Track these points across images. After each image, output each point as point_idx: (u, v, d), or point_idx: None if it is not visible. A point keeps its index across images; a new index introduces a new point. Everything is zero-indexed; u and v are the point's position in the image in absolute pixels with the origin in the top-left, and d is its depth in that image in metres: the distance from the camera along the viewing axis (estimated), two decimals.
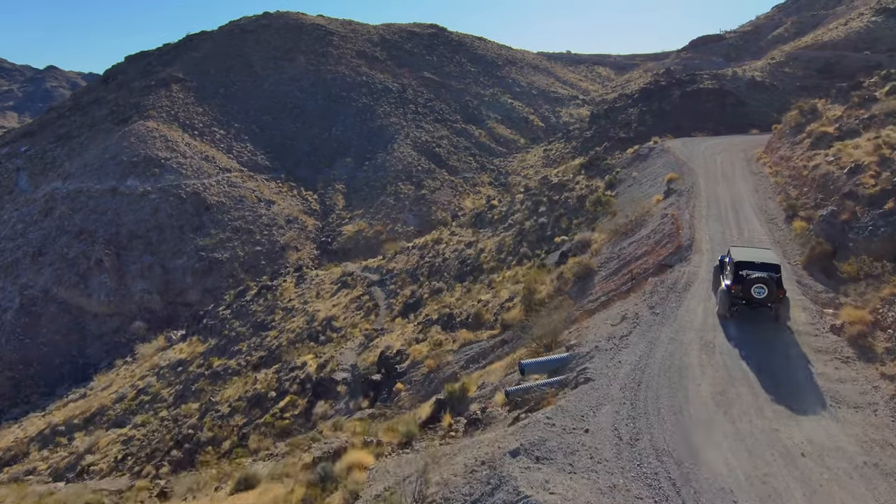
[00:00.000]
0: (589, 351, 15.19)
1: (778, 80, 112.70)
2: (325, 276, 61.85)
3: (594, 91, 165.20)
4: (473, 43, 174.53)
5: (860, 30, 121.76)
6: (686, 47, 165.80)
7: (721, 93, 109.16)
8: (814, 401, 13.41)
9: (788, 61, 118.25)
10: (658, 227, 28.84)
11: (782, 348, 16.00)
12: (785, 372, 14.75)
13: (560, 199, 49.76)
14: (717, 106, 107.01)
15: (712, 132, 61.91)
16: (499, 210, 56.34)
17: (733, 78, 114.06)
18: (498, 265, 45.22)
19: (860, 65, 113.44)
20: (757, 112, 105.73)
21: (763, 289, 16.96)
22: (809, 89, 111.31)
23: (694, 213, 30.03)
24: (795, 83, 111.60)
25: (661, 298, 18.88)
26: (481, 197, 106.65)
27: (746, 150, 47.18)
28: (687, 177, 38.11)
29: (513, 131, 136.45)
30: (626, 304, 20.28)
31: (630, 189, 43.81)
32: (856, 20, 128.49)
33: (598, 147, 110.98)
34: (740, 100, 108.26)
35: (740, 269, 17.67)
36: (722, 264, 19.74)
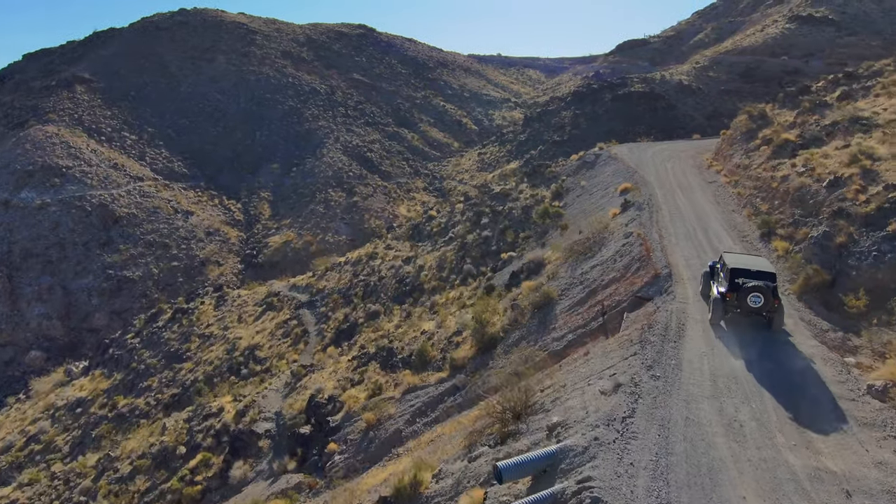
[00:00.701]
0: (586, 445, 11.21)
1: (703, 83, 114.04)
2: (249, 297, 55.92)
3: (526, 93, 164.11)
4: (404, 44, 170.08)
5: (776, 36, 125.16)
6: (613, 51, 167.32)
7: (651, 96, 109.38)
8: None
9: (712, 65, 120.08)
10: (624, 248, 25.39)
11: (824, 423, 12.55)
12: (837, 455, 11.31)
13: (504, 209, 46.12)
14: (649, 109, 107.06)
15: (655, 137, 59.98)
16: (438, 221, 52.24)
17: (662, 81, 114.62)
18: (440, 284, 41.05)
19: (778, 69, 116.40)
20: (686, 115, 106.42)
21: (759, 297, 16.46)
22: (733, 93, 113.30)
23: (661, 231, 26.80)
24: (720, 87, 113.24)
25: (657, 353, 15.16)
26: (416, 203, 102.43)
27: (695, 157, 44.98)
28: (642, 187, 35.14)
29: (446, 135, 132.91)
30: (608, 356, 16.47)
31: (579, 199, 40.60)
32: (771, 27, 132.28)
33: (534, 150, 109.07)
34: (670, 103, 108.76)
35: (736, 277, 17.03)
36: (713, 270, 19.30)
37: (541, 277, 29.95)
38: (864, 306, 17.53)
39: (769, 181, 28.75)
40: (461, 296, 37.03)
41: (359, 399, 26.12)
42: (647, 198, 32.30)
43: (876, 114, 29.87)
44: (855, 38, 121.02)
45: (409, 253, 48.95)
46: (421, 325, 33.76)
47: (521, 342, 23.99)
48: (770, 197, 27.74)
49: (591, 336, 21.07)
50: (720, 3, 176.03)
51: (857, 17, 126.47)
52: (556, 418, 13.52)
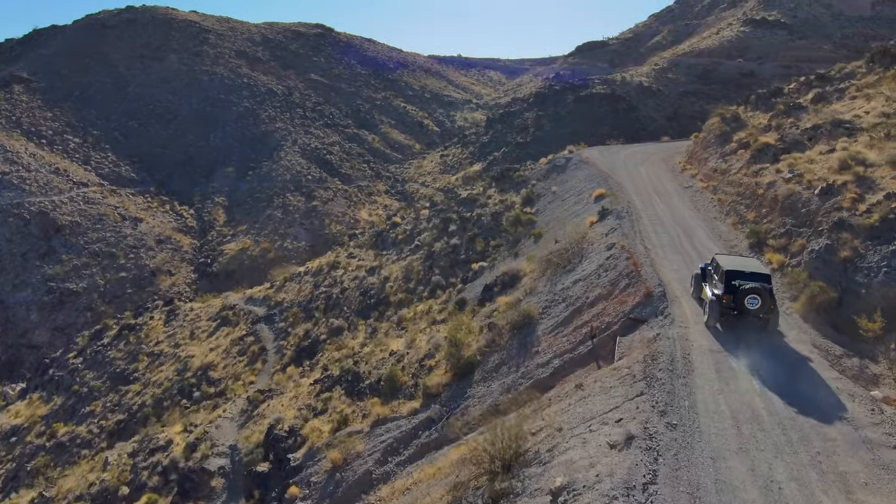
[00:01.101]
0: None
1: (663, 85, 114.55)
2: (202, 311, 52.44)
3: (487, 95, 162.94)
4: (363, 44, 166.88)
5: (732, 38, 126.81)
6: (573, 53, 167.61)
7: (613, 98, 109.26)
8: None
9: (671, 67, 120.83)
10: (608, 261, 23.54)
11: (869, 479, 10.75)
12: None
13: (472, 216, 44.06)
14: (611, 111, 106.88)
15: (620, 139, 58.77)
16: (403, 228, 49.83)
17: (623, 83, 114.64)
18: (407, 297, 38.70)
19: (734, 71, 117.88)
20: (647, 117, 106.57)
21: (756, 299, 16.31)
22: (691, 94, 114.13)
23: (645, 242, 25.07)
24: (679, 88, 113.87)
25: (668, 393, 13.21)
26: (378, 207, 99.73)
27: (666, 160, 43.79)
28: (618, 193, 33.51)
29: (408, 136, 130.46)
30: (608, 393, 14.46)
31: (552, 206, 38.81)
32: (726, 30, 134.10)
33: (497, 152, 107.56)
34: (631, 105, 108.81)
35: (732, 280, 16.80)
36: (704, 272, 19.12)
37: (517, 292, 27.93)
38: (879, 329, 16.00)
39: (753, 188, 27.38)
40: (430, 310, 34.77)
41: (323, 433, 23.59)
42: (625, 205, 30.62)
43: (857, 117, 28.85)
44: (806, 42, 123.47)
45: (373, 262, 46.43)
46: (389, 343, 31.35)
47: (501, 367, 21.87)
48: (756, 204, 26.33)
49: (579, 363, 19.10)
50: (676, 6, 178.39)
51: (807, 21, 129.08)
52: (559, 480, 11.40)
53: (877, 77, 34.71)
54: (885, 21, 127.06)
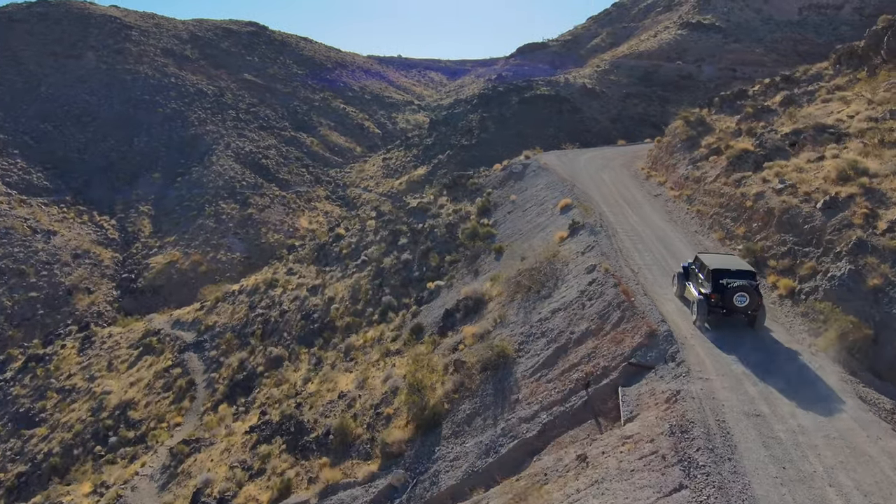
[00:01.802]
0: None
1: (606, 86, 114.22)
2: (122, 337, 46.68)
3: (429, 96, 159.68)
4: (299, 43, 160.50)
5: (670, 41, 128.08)
6: (514, 54, 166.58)
7: (557, 99, 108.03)
8: None
9: (613, 69, 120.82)
10: (593, 288, 20.41)
11: None
12: None
13: (424, 227, 40.43)
14: (555, 112, 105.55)
15: (579, 144, 56.41)
16: (347, 241, 45.66)
17: (566, 85, 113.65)
18: (355, 321, 34.70)
19: (674, 74, 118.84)
20: (591, 118, 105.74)
21: (745, 297, 16.29)
22: (634, 96, 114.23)
23: (630, 264, 22.11)
24: (622, 90, 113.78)
25: (719, 489, 10.01)
26: (319, 214, 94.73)
27: (627, 165, 41.44)
28: (585, 203, 30.60)
29: (348, 139, 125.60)
30: (630, 481, 11.17)
31: (512, 217, 35.65)
32: (664, 33, 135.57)
33: (441, 155, 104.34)
34: (575, 106, 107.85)
35: (719, 278, 16.86)
36: (686, 271, 19.29)
37: (484, 320, 24.51)
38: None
39: (739, 199, 24.91)
40: (382, 336, 30.95)
41: (261, 502, 19.48)
42: (597, 218, 27.69)
43: (840, 121, 26.90)
44: (740, 45, 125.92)
45: (316, 280, 42.10)
46: (337, 380, 27.34)
47: (474, 419, 18.36)
48: (745, 218, 23.82)
49: (574, 419, 15.79)
50: (613, 9, 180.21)
51: (740, 25, 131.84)
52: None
53: (846, 79, 33.21)
54: (811, 26, 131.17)
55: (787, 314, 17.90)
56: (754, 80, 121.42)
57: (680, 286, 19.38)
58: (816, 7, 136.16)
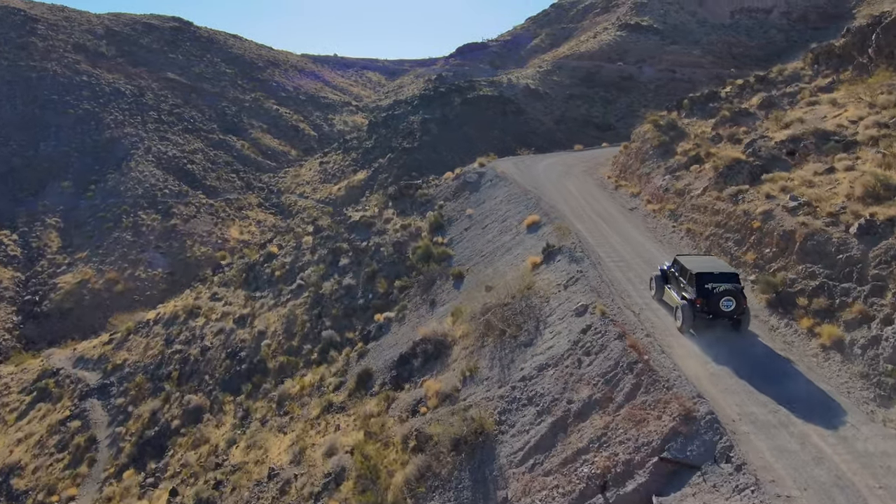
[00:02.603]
0: None
1: (549, 87, 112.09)
2: (13, 379, 39.54)
3: (367, 96, 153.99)
4: (227, 41, 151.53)
5: (610, 42, 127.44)
6: (454, 54, 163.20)
7: (501, 100, 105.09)
8: None
9: (555, 70, 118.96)
10: (589, 338, 16.20)
11: None
12: None
13: (368, 246, 35.52)
14: (499, 113, 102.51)
15: (536, 150, 52.70)
16: (281, 261, 40.14)
17: (509, 85, 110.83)
18: (290, 361, 29.47)
19: (615, 75, 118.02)
20: (535, 119, 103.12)
21: (731, 301, 15.82)
22: (577, 97, 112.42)
23: (630, 305, 18.05)
24: (565, 91, 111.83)
25: None
26: (251, 223, 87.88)
27: (590, 173, 37.82)
28: (555, 220, 26.55)
29: (282, 142, 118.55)
30: None
31: (470, 235, 31.24)
32: (603, 34, 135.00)
33: (382, 159, 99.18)
34: (519, 107, 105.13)
35: (704, 282, 16.27)
36: (665, 274, 18.66)
37: (450, 371, 19.96)
38: None
39: (741, 218, 21.29)
40: (323, 382, 25.93)
41: None
42: (574, 240, 23.55)
43: (842, 127, 23.80)
44: (678, 47, 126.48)
45: (244, 308, 36.46)
46: (268, 444, 22.19)
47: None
48: (753, 242, 20.19)
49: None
50: (552, 10, 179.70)
51: (677, 27, 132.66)
52: None
53: (828, 80, 30.50)
54: (742, 29, 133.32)
55: (840, 373, 14.16)
56: (693, 81, 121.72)
57: (658, 290, 18.64)
58: (747, 11, 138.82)
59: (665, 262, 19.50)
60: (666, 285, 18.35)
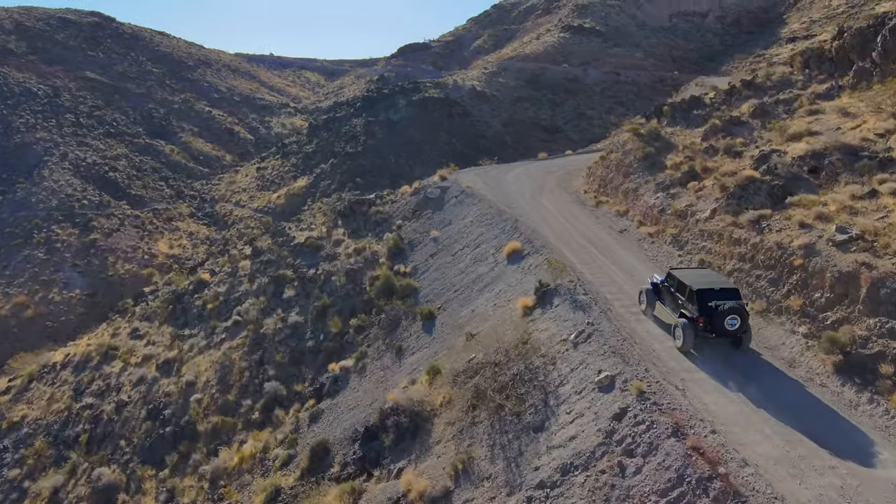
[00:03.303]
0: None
1: (495, 89, 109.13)
2: None
3: (306, 98, 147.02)
4: (154, 38, 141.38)
5: (554, 44, 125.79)
6: (395, 54, 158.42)
7: (447, 102, 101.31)
8: None
9: (500, 71, 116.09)
10: (625, 430, 12.06)
11: None
12: None
13: (317, 274, 30.53)
14: (446, 116, 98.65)
15: (497, 160, 48.61)
16: (214, 291, 34.54)
17: (455, 87, 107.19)
18: (226, 422, 24.24)
19: (561, 77, 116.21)
20: (482, 122, 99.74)
21: (736, 320, 14.79)
22: (524, 99, 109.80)
23: (665, 373, 14.08)
24: (511, 93, 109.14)
25: None
26: (181, 236, 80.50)
27: (564, 186, 34.05)
28: (540, 248, 22.45)
29: (215, 146, 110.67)
30: None
31: (437, 263, 26.79)
32: (547, 35, 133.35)
33: (324, 164, 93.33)
34: (466, 110, 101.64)
35: (707, 300, 15.11)
36: (657, 288, 17.47)
37: (434, 459, 15.45)
38: None
39: (773, 252, 17.70)
40: (268, 454, 20.95)
41: None
42: (572, 276, 19.45)
43: (868, 141, 20.69)
44: (621, 49, 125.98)
45: (170, 351, 30.76)
46: None
47: None
48: (796, 284, 16.58)
49: None
50: (493, 10, 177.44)
51: (618, 30, 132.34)
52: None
53: (826, 86, 27.70)
54: (680, 32, 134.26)
55: None
56: (638, 83, 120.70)
57: (649, 305, 17.59)
58: (684, 15, 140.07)
59: (655, 275, 18.28)
60: (658, 300, 17.31)
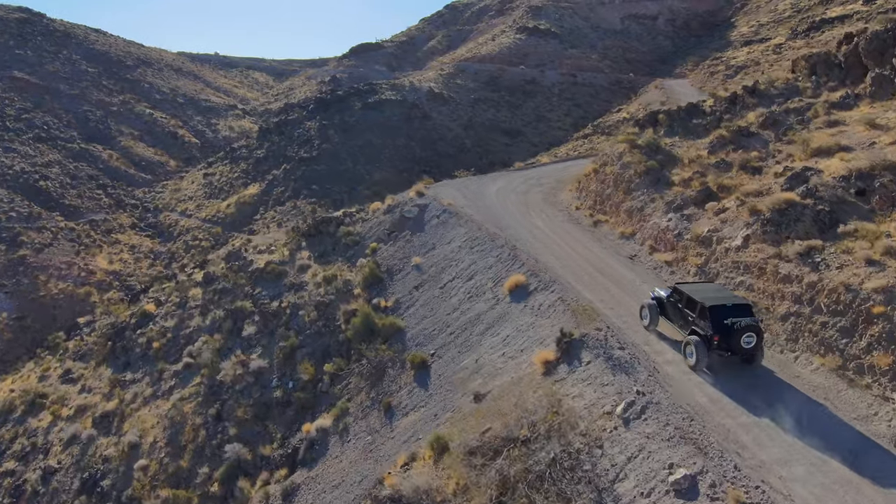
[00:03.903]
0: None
1: (454, 91, 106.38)
2: None
3: (255, 99, 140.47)
4: (89, 35, 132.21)
5: (511, 45, 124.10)
6: (347, 54, 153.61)
7: (405, 105, 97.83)
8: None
9: (458, 73, 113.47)
10: None
11: None
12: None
13: (281, 307, 26.50)
14: (404, 119, 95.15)
15: (473, 171, 45.15)
16: (160, 325, 29.95)
17: (412, 89, 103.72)
18: (178, 497, 20.07)
19: (519, 78, 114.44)
20: (442, 126, 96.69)
21: (752, 337, 14.25)
22: (482, 101, 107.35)
23: (765, 475, 11.03)
24: (470, 95, 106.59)
25: None
26: (122, 250, 74.13)
27: (552, 202, 31.01)
28: (549, 281, 19.27)
29: (158, 150, 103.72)
30: None
31: (423, 295, 23.21)
32: (502, 37, 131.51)
33: (276, 170, 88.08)
34: (425, 113, 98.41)
35: (722, 317, 14.38)
36: (660, 303, 16.72)
37: None
38: None
39: (840, 294, 14.86)
40: None
41: None
42: (602, 326, 16.24)
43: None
44: (577, 51, 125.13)
45: (108, 401, 26.09)
46: None
47: None
48: (881, 337, 13.71)
49: None
50: (446, 10, 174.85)
51: (573, 32, 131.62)
52: None
53: (839, 94, 25.47)
54: (633, 35, 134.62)
55: None
56: (595, 85, 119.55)
57: (652, 320, 16.92)
58: (635, 17, 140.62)
59: (657, 289, 17.55)
60: (661, 315, 16.70)
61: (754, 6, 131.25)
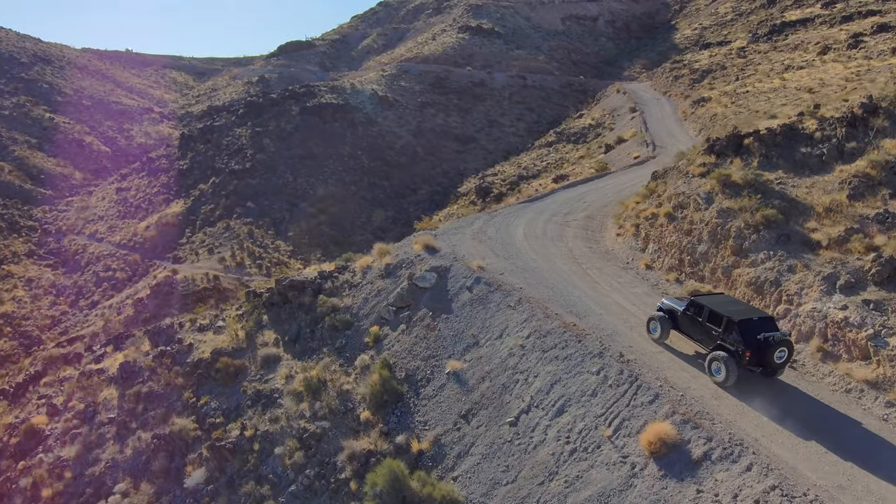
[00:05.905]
0: None
1: (398, 94, 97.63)
2: None
3: (172, 101, 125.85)
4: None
5: (454, 45, 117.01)
6: (276, 53, 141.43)
7: (347, 109, 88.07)
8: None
9: (401, 74, 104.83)
10: None
11: None
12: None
13: (244, 438, 17.12)
14: (347, 125, 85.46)
15: (479, 207, 36.12)
16: (55, 455, 19.75)
17: (354, 91, 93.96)
18: None
19: (466, 80, 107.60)
20: (390, 132, 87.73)
21: (784, 352, 13.66)
22: (430, 105, 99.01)
23: None
24: (416, 98, 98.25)
25: None
26: (17, 286, 60.73)
27: (601, 253, 23.06)
28: (729, 442, 11.36)
29: (61, 161, 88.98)
30: None
31: (482, 435, 14.28)
32: (443, 36, 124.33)
33: (204, 184, 76.00)
34: (370, 118, 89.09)
35: (754, 332, 13.65)
36: (673, 316, 15.64)
37: None
38: None
39: None
40: None
41: None
42: None
43: None
44: (523, 52, 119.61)
45: None
46: None
47: None
48: None
49: None
50: (380, 8, 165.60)
51: (516, 32, 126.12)
52: None
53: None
54: (575, 36, 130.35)
55: None
56: (545, 88, 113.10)
57: (664, 333, 15.67)
58: (576, 18, 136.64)
59: (665, 300, 16.26)
60: (675, 329, 15.48)
61: (693, 9, 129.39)
